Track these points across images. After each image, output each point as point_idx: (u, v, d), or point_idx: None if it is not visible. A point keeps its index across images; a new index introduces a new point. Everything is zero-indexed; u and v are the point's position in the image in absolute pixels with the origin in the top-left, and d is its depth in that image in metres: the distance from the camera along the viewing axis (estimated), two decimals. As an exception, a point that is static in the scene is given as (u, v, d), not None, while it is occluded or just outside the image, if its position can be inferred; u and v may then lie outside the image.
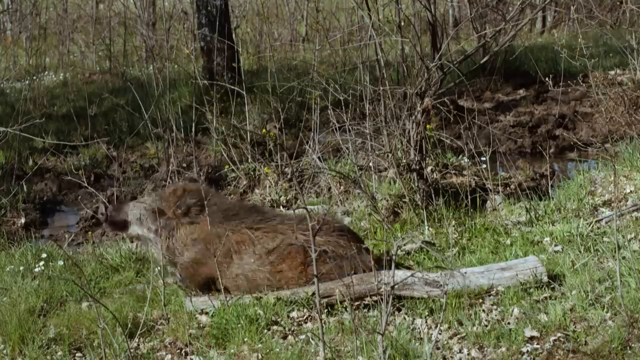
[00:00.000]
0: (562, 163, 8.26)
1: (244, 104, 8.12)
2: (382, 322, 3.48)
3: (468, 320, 4.19)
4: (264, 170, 7.05)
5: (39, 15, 14.53)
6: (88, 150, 9.20)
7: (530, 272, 4.43)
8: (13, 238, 6.59)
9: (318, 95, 7.21)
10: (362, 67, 6.87)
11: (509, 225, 5.53)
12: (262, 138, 7.55)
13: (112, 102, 10.59)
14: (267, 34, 13.12)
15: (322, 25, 11.94)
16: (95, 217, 7.16)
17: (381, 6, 7.22)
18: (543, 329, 4.01)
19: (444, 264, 4.70)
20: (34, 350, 4.18)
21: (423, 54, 6.08)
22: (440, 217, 5.69)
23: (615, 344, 3.77)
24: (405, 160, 6.00)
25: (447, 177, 6.90)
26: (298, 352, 3.96)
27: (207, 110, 7.94)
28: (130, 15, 15.42)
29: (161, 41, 12.82)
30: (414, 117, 5.89)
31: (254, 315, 4.32)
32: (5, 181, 7.99)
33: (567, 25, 13.68)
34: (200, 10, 10.83)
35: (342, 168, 6.95)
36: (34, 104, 11.27)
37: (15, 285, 5.04)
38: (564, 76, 9.05)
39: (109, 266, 5.46)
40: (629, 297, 4.09)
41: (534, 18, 15.32)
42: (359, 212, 6.05)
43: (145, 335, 4.32)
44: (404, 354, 3.80)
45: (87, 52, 15.76)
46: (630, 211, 5.49)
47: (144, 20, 12.37)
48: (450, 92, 8.08)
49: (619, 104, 8.42)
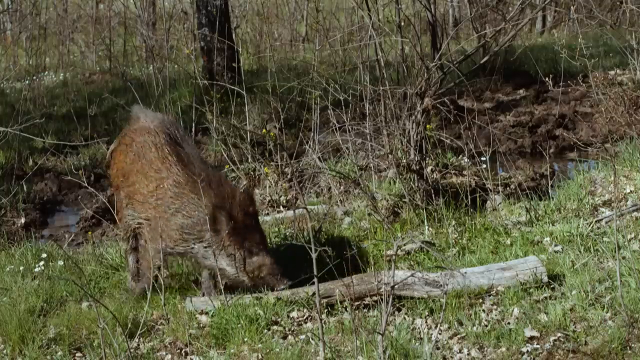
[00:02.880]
0: (562, 163, 8.26)
1: (244, 104, 8.11)
2: (382, 322, 3.48)
3: (468, 320, 4.19)
4: (264, 170, 7.05)
5: (39, 15, 14.51)
6: (88, 150, 9.20)
7: (530, 272, 4.43)
8: (13, 238, 6.59)
9: (318, 95, 7.21)
10: (362, 67, 6.88)
11: (509, 225, 5.53)
12: (262, 138, 7.55)
13: (112, 102, 10.58)
14: (267, 34, 13.11)
15: (322, 25, 11.93)
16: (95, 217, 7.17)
17: (381, 6, 7.22)
18: (543, 329, 4.01)
19: (444, 264, 4.70)
20: (34, 350, 4.18)
21: (423, 54, 6.08)
22: (440, 217, 5.69)
23: (615, 344, 3.77)
24: (405, 160, 6.00)
25: (447, 177, 6.90)
26: (298, 352, 3.96)
27: (207, 110, 7.94)
28: (130, 15, 15.42)
29: (161, 41, 12.81)
30: (414, 117, 5.89)
31: (254, 315, 4.32)
32: (5, 181, 7.98)
33: (567, 25, 13.68)
34: (200, 10, 10.83)
35: (342, 168, 6.94)
36: (34, 104, 11.26)
37: (15, 285, 5.04)
38: (564, 76, 9.05)
39: (109, 266, 5.46)
40: (629, 297, 4.09)
41: (534, 18, 15.31)
42: (359, 212, 6.05)
43: (145, 335, 4.32)
44: (404, 354, 3.80)
45: (87, 52, 15.75)
46: (630, 211, 5.49)
47: (144, 20, 12.38)
48: (450, 92, 8.07)
49: (619, 104, 8.41)
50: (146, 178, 4.74)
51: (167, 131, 4.87)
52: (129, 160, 4.89)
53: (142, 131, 4.91)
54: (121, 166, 4.97)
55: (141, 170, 4.78)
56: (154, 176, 4.71)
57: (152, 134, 4.84)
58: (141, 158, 4.80)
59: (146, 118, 5.03)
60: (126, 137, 5.03)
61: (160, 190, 4.67)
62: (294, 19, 16.15)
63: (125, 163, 4.93)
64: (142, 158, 4.79)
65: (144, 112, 5.18)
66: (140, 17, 12.47)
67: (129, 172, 4.87)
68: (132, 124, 5.10)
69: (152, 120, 4.97)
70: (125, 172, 4.91)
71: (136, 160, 4.84)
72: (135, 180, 4.81)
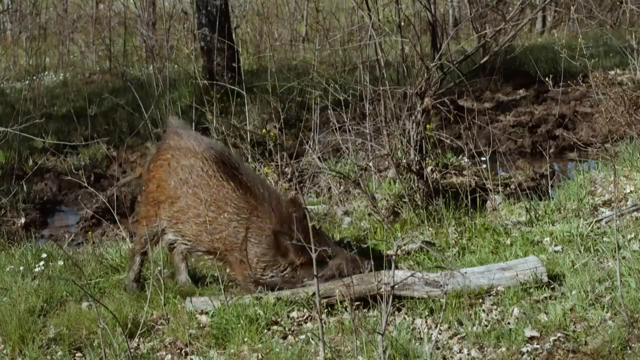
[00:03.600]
0: (562, 163, 8.26)
1: (244, 104, 8.11)
2: (382, 322, 3.48)
3: (468, 320, 4.19)
4: (264, 170, 7.05)
5: (39, 15, 14.52)
6: (88, 150, 9.21)
7: (530, 272, 4.43)
8: (13, 238, 6.58)
9: (318, 95, 7.21)
10: (362, 67, 6.87)
11: (509, 225, 5.53)
12: (262, 138, 7.55)
13: (112, 102, 10.59)
14: (267, 34, 13.12)
15: (322, 25, 11.94)
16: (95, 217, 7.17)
17: (381, 6, 7.22)
18: (543, 329, 4.01)
19: (444, 264, 4.70)
20: (34, 350, 4.18)
21: (423, 54, 6.08)
22: (440, 217, 5.69)
23: (615, 344, 3.77)
24: (405, 161, 6.00)
25: (447, 177, 6.90)
26: (298, 352, 3.96)
27: (207, 110, 7.94)
28: (130, 15, 15.43)
29: (161, 41, 12.82)
30: (414, 117, 5.89)
31: (254, 315, 4.32)
32: (5, 181, 7.99)
33: (567, 25, 13.68)
34: (200, 10, 10.83)
35: (342, 168, 6.94)
36: (34, 104, 11.27)
37: (15, 285, 5.04)
38: (564, 76, 9.05)
39: (109, 266, 5.45)
40: (629, 297, 4.09)
41: (534, 18, 15.32)
42: (359, 212, 6.05)
43: (145, 335, 4.32)
44: (404, 354, 3.80)
45: (87, 52, 15.76)
46: (630, 211, 5.49)
47: (144, 20, 12.38)
48: (450, 92, 8.07)
49: (619, 104, 8.41)
50: (198, 207, 4.65)
51: (216, 157, 4.73)
52: (173, 182, 4.75)
53: (188, 154, 4.76)
54: (164, 186, 4.82)
55: (192, 198, 4.67)
56: (213, 207, 4.62)
57: (199, 159, 4.71)
58: (190, 185, 4.68)
59: (189, 139, 4.86)
60: (167, 153, 4.87)
61: (222, 219, 4.60)
62: (294, 19, 16.15)
63: (169, 184, 4.78)
64: (193, 185, 4.67)
65: (186, 131, 5.01)
66: (140, 17, 12.47)
67: (176, 197, 4.74)
68: (171, 139, 4.93)
69: (198, 144, 4.81)
70: (171, 196, 4.77)
71: (184, 185, 4.71)
72: (185, 208, 4.71)
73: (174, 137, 4.92)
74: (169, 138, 4.96)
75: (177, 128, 5.03)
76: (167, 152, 4.87)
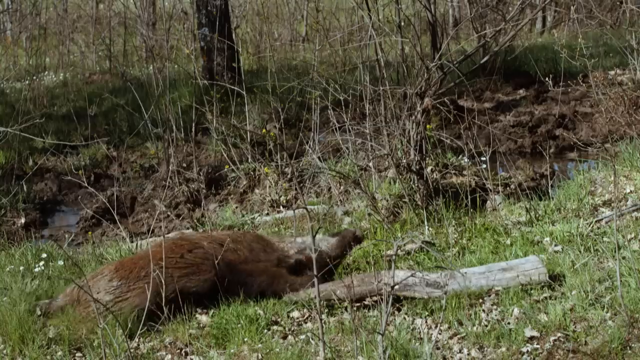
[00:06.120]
0: (562, 163, 8.26)
1: (244, 104, 8.12)
2: (382, 322, 3.48)
3: (468, 320, 4.19)
4: (264, 170, 7.05)
5: (39, 15, 14.53)
6: (88, 150, 9.21)
7: (531, 272, 4.42)
8: (13, 238, 6.59)
9: (318, 95, 7.21)
10: (362, 67, 6.88)
11: (509, 225, 5.53)
12: (262, 138, 7.56)
13: (112, 102, 10.59)
14: (267, 34, 13.11)
15: (322, 25, 11.93)
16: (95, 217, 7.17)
17: (381, 6, 7.22)
18: (543, 329, 4.01)
19: (444, 264, 4.70)
20: (34, 350, 4.18)
21: (423, 54, 6.08)
22: (440, 217, 5.69)
23: (615, 344, 3.77)
24: (405, 160, 6.00)
25: (447, 177, 6.90)
26: (298, 352, 3.96)
27: (207, 110, 7.95)
28: (130, 15, 15.42)
29: (161, 41, 12.81)
30: (414, 117, 5.89)
31: (254, 315, 4.32)
32: (5, 181, 7.99)
33: (567, 25, 13.67)
34: (200, 10, 10.83)
35: (342, 168, 6.94)
36: (34, 104, 11.27)
37: (15, 285, 5.03)
38: (564, 76, 9.05)
39: (109, 266, 5.45)
40: (629, 297, 4.09)
41: (534, 18, 15.33)
42: (359, 212, 6.05)
43: (145, 335, 4.32)
44: (404, 354, 3.80)
45: (87, 52, 15.77)
46: (630, 211, 5.49)
47: (144, 20, 12.38)
48: (450, 92, 8.08)
49: (619, 104, 8.42)
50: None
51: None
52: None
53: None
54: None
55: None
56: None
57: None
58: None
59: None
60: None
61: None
62: (294, 19, 16.16)
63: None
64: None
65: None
66: (140, 17, 12.46)
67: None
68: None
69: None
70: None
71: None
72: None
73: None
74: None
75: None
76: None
